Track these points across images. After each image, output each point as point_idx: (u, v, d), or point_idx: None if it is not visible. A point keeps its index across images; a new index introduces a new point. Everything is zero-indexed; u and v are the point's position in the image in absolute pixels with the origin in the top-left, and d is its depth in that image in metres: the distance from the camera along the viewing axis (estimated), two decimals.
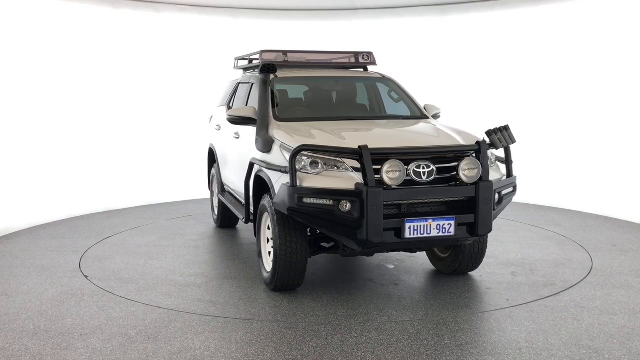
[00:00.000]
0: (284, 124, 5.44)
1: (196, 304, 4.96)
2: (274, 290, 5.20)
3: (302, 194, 4.52)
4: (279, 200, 4.73)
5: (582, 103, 9.01)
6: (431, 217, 4.61)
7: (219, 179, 7.48)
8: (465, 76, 10.10)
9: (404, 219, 4.56)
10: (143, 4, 9.71)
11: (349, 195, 4.47)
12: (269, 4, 10.34)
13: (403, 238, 4.56)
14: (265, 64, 5.85)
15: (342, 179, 4.58)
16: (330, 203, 4.49)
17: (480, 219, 4.69)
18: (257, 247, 5.52)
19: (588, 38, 8.90)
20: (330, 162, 4.66)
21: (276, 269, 4.99)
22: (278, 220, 4.90)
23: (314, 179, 4.60)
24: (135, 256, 6.44)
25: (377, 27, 10.60)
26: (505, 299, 5.07)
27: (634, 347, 4.09)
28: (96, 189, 9.09)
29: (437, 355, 3.96)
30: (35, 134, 8.31)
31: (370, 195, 4.41)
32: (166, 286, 5.45)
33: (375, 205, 4.41)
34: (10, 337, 4.28)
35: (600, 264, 6.08)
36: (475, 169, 4.71)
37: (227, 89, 7.73)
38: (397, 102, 6.39)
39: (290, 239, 4.89)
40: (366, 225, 4.43)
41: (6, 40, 7.95)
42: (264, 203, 5.23)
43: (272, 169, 5.00)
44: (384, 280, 5.60)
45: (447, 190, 4.69)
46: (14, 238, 7.32)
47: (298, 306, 4.90)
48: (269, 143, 5.20)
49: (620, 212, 8.36)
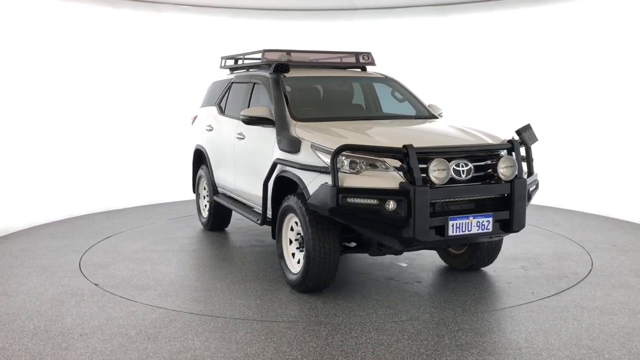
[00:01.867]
0: (305, 124, 5.40)
1: (196, 304, 4.96)
2: (303, 292, 5.17)
3: (346, 194, 4.50)
4: (318, 201, 4.67)
5: (581, 103, 9.01)
6: (471, 215, 4.68)
7: (210, 181, 7.25)
8: (465, 76, 10.10)
9: (447, 217, 4.60)
10: (143, 4, 9.71)
11: (395, 194, 4.48)
12: (269, 4, 10.34)
13: (446, 236, 4.60)
14: (278, 63, 5.79)
15: (384, 178, 4.58)
16: (376, 202, 4.48)
17: (515, 215, 4.81)
18: (278, 249, 5.44)
19: (587, 38, 8.91)
20: (370, 161, 4.64)
21: (309, 270, 4.94)
22: (310, 221, 4.86)
23: (354, 179, 4.58)
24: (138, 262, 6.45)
25: (377, 27, 10.60)
26: (531, 292, 5.20)
27: (634, 347, 4.09)
28: (96, 189, 9.09)
29: (437, 355, 3.96)
30: (35, 134, 8.31)
31: (417, 194, 4.44)
32: (166, 286, 5.45)
33: (423, 203, 4.45)
34: (10, 337, 4.28)
35: (600, 264, 6.09)
36: (512, 166, 4.83)
37: (216, 89, 7.52)
38: (402, 102, 6.43)
39: (323, 240, 4.87)
40: (413, 223, 4.46)
41: (6, 40, 7.95)
42: (289, 204, 5.15)
43: (306, 169, 4.91)
44: (406, 278, 5.66)
45: (486, 188, 4.80)
46: (14, 238, 7.32)
47: (298, 306, 4.90)
48: (295, 143, 5.13)
49: (620, 212, 8.36)
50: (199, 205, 7.90)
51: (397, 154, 4.60)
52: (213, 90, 7.65)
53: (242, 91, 6.73)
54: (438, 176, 4.56)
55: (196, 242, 7.13)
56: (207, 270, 5.99)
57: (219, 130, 6.99)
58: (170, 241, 7.15)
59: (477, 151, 4.88)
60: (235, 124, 6.49)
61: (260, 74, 6.42)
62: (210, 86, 7.86)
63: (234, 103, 6.86)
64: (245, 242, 7.07)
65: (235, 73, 7.32)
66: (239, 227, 7.76)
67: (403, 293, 5.22)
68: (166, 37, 9.94)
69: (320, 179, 4.73)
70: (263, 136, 5.77)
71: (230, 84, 7.13)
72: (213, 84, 7.77)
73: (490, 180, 4.84)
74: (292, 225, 5.28)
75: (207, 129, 7.29)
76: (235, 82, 7.03)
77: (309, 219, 4.87)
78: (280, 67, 5.83)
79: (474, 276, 5.70)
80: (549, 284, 5.41)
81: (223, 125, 6.92)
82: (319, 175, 4.75)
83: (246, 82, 6.69)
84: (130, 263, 6.18)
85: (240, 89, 6.82)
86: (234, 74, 7.31)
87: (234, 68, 7.35)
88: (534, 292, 5.22)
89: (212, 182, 7.24)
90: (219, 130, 6.99)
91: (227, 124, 6.78)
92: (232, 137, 6.52)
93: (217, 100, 7.31)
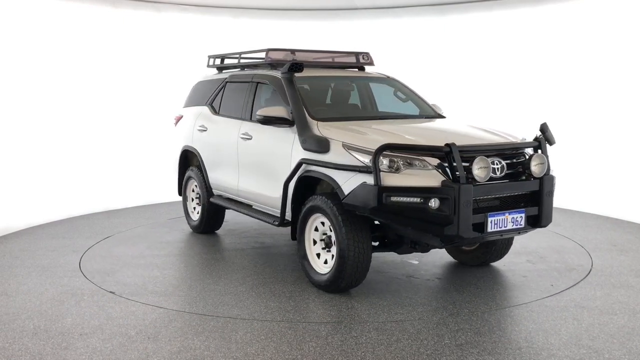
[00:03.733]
0: (327, 124, 5.38)
1: (196, 304, 4.96)
2: (332, 292, 5.16)
3: (389, 193, 4.51)
4: (358, 201, 4.67)
5: (581, 103, 9.01)
6: (507, 211, 4.78)
7: (204, 183, 7.06)
8: (464, 76, 10.10)
9: (487, 214, 4.67)
10: (143, 4, 9.71)
11: (440, 192, 4.50)
12: (269, 4, 10.35)
13: (485, 232, 4.68)
14: (293, 63, 5.72)
15: (424, 177, 4.60)
16: (420, 201, 4.51)
17: (544, 210, 4.97)
18: (300, 250, 5.39)
19: (586, 38, 8.91)
20: (409, 160, 4.66)
21: (343, 270, 4.93)
22: (344, 221, 4.86)
23: (395, 178, 4.59)
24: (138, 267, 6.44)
25: (376, 27, 10.61)
26: (550, 285, 5.37)
27: (634, 347, 4.09)
28: (96, 189, 9.09)
29: (437, 355, 3.96)
30: (35, 134, 8.31)
31: (462, 191, 4.47)
32: (166, 287, 5.45)
33: (467, 201, 4.50)
34: (10, 337, 4.28)
35: (600, 264, 6.09)
36: (543, 164, 4.98)
37: (205, 89, 7.36)
38: (405, 102, 6.46)
39: (357, 239, 4.87)
40: (458, 221, 4.48)
41: (6, 40, 7.95)
42: (315, 204, 5.12)
43: (339, 168, 4.88)
44: (427, 275, 5.74)
45: (520, 185, 4.92)
46: (14, 238, 7.32)
47: (298, 306, 4.90)
48: (324, 143, 5.09)
49: (620, 212, 8.36)
50: (186, 208, 7.67)
51: (440, 152, 4.64)
52: (201, 90, 7.47)
53: (242, 91, 6.61)
54: (480, 174, 4.64)
55: (195, 244, 7.12)
56: (207, 271, 5.99)
57: (214, 130, 6.85)
58: (169, 244, 7.15)
59: (510, 149, 5.03)
60: (238, 124, 6.42)
61: (268, 73, 6.30)
62: (195, 86, 7.69)
63: (232, 103, 6.73)
64: (244, 244, 7.05)
65: (229, 72, 7.17)
66: (230, 230, 7.64)
67: (418, 290, 5.22)
68: (166, 36, 9.94)
69: (357, 178, 4.72)
70: (277, 136, 5.70)
71: (224, 83, 7.00)
72: (199, 84, 7.60)
73: (519, 177, 4.95)
74: (316, 225, 5.26)
75: (200, 130, 7.10)
76: (230, 82, 6.90)
77: (343, 219, 4.86)
78: (295, 67, 5.74)
79: (488, 271, 5.86)
80: (563, 276, 5.63)
81: (220, 125, 6.77)
82: (356, 174, 4.74)
83: (247, 81, 6.57)
84: (130, 266, 6.17)
85: (238, 88, 6.70)
86: (228, 73, 7.16)
87: (225, 67, 7.21)
88: (552, 284, 5.38)
89: (206, 184, 7.07)
90: (214, 130, 6.85)
91: (226, 124, 6.66)
92: (234, 138, 6.41)
93: (209, 100, 7.16)
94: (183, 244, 7.02)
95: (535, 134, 5.31)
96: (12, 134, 7.98)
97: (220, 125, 6.78)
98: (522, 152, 5.08)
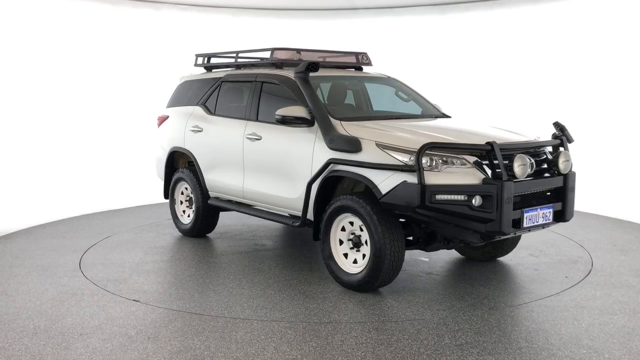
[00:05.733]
0: (352, 123, 5.38)
1: (196, 304, 4.96)
2: (364, 292, 5.15)
3: (435, 191, 4.57)
4: (399, 199, 4.70)
5: (581, 102, 9.01)
6: (538, 207, 4.94)
7: (198, 184, 6.88)
8: (464, 75, 10.11)
9: (523, 210, 4.80)
10: (143, 2, 9.71)
11: (483, 189, 4.62)
12: (270, 3, 10.34)
13: (522, 227, 4.81)
14: (310, 62, 5.69)
15: (465, 175, 4.69)
16: (464, 198, 4.60)
17: (568, 205, 5.18)
18: (325, 250, 5.36)
19: (587, 36, 8.91)
20: (448, 158, 4.73)
21: (380, 268, 4.94)
22: (379, 220, 4.88)
23: (436, 176, 4.66)
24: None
25: (377, 26, 10.61)
26: (564, 276, 5.60)
27: (634, 347, 4.09)
28: (96, 189, 9.09)
29: (437, 355, 3.96)
30: (35, 134, 8.31)
31: (505, 188, 4.59)
32: (166, 287, 5.44)
33: (508, 198, 4.63)
34: (10, 337, 4.28)
35: (600, 264, 6.09)
36: (569, 160, 5.19)
37: (194, 88, 7.20)
38: (407, 102, 6.48)
39: (392, 238, 4.91)
40: (500, 217, 4.59)
41: (6, 39, 7.94)
42: (344, 204, 5.12)
43: (376, 167, 4.89)
44: (445, 272, 5.83)
45: (549, 182, 5.11)
46: (14, 238, 7.32)
47: (298, 305, 4.90)
48: (354, 142, 5.08)
49: (620, 212, 8.36)
50: (175, 211, 7.42)
51: (482, 150, 4.75)
52: (189, 90, 7.31)
53: (244, 91, 6.53)
54: (520, 171, 4.77)
55: (196, 245, 7.12)
56: (207, 272, 5.99)
57: (212, 131, 6.69)
58: (168, 245, 7.14)
59: (539, 147, 5.22)
60: (241, 124, 6.31)
61: (277, 73, 6.20)
62: (181, 85, 7.49)
63: (232, 103, 6.67)
64: (241, 246, 7.02)
65: (221, 71, 7.05)
66: (224, 233, 7.47)
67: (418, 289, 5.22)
68: (166, 35, 9.93)
69: (395, 177, 4.75)
70: (294, 136, 5.65)
71: (220, 82, 6.87)
72: (186, 83, 7.44)
73: (543, 174, 5.12)
74: (343, 225, 5.25)
75: (194, 130, 6.91)
76: (227, 81, 6.79)
77: (378, 219, 4.89)
78: (311, 67, 5.70)
79: (500, 266, 6.04)
80: (570, 269, 5.87)
81: (219, 125, 6.63)
82: (394, 173, 4.77)
83: (249, 81, 6.45)
84: (130, 266, 6.17)
85: (239, 88, 6.63)
86: (221, 72, 7.05)
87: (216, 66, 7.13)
88: (567, 276, 5.60)
89: (202, 186, 6.88)
90: (212, 131, 6.69)
91: (226, 124, 6.54)
92: (238, 138, 6.29)
93: (201, 100, 7.01)
94: (181, 247, 7.01)
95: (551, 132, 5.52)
96: (12, 134, 7.98)
97: (219, 125, 6.65)
98: (543, 150, 5.28)
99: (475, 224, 4.67)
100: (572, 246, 6.74)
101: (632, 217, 8.16)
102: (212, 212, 7.11)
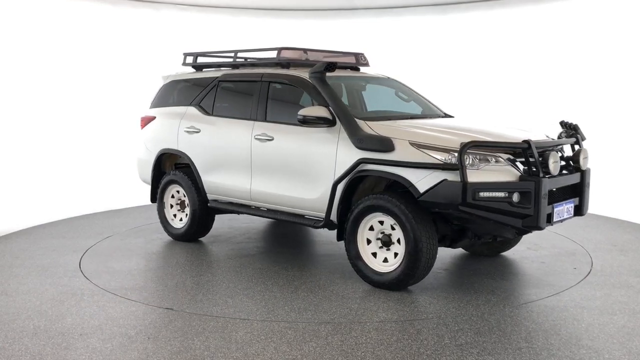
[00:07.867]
0: (378, 123, 5.39)
1: (196, 304, 4.96)
2: (397, 290, 5.17)
3: (477, 189, 4.67)
4: (441, 198, 4.77)
5: (581, 102, 9.01)
6: (564, 202, 5.15)
7: (195, 187, 6.69)
8: (465, 75, 10.11)
9: (553, 205, 4.98)
10: (142, 2, 9.71)
11: (522, 186, 4.77)
12: (270, 3, 10.35)
13: (552, 222, 4.99)
14: (329, 63, 5.68)
15: (503, 172, 4.84)
16: (505, 195, 4.74)
17: (585, 200, 5.44)
18: (352, 250, 5.34)
19: (587, 36, 8.91)
20: (485, 156, 4.85)
21: (417, 267, 4.99)
22: (415, 218, 4.94)
23: (477, 174, 4.76)
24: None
25: (377, 26, 10.61)
26: (573, 268, 5.86)
27: (634, 347, 4.09)
28: (96, 189, 9.09)
29: (437, 355, 3.96)
30: (35, 134, 8.31)
31: (542, 184, 4.76)
32: (166, 287, 5.45)
33: (545, 193, 4.79)
34: (10, 337, 4.27)
35: (600, 264, 6.09)
36: (587, 157, 5.47)
37: (185, 88, 7.03)
38: (408, 102, 6.50)
39: (428, 235, 4.98)
40: (537, 213, 4.76)
41: (6, 39, 7.95)
42: (374, 203, 5.13)
43: (411, 166, 4.92)
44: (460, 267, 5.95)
45: (571, 178, 5.29)
46: (14, 238, 7.32)
47: (298, 306, 4.90)
48: (386, 141, 5.09)
49: (620, 212, 8.36)
50: (164, 216, 7.17)
51: (519, 148, 4.89)
52: (176, 90, 7.15)
53: (247, 91, 6.38)
54: (554, 168, 4.97)
55: (193, 247, 7.12)
56: (206, 272, 5.99)
57: (212, 132, 6.52)
58: (167, 246, 7.14)
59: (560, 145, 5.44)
60: (248, 124, 6.18)
61: (288, 73, 6.10)
62: (167, 85, 7.28)
63: (234, 103, 6.53)
64: (239, 248, 6.99)
65: (219, 71, 6.89)
66: (216, 236, 7.32)
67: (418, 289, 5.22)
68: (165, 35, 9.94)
69: (434, 176, 4.81)
70: (314, 137, 5.59)
71: (216, 82, 6.71)
72: (172, 83, 7.25)
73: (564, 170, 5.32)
74: (371, 224, 5.26)
75: (190, 131, 6.71)
76: (225, 81, 6.66)
77: (414, 217, 4.94)
78: (329, 67, 5.69)
79: (507, 260, 6.21)
80: (574, 261, 6.10)
81: (220, 126, 6.48)
82: (433, 172, 4.83)
83: (253, 80, 6.33)
84: (130, 266, 6.17)
85: (240, 88, 6.53)
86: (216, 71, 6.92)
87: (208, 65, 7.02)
88: (576, 267, 5.85)
89: (199, 189, 6.69)
90: (212, 132, 6.52)
91: (230, 125, 6.38)
92: (245, 139, 6.15)
93: (195, 100, 6.83)
94: (181, 248, 7.00)
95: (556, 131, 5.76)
96: (12, 134, 7.98)
97: (220, 126, 6.49)
98: (562, 148, 5.56)
99: (513, 219, 4.79)
100: (572, 246, 6.75)
101: (632, 217, 8.16)
102: (209, 216, 6.93)
